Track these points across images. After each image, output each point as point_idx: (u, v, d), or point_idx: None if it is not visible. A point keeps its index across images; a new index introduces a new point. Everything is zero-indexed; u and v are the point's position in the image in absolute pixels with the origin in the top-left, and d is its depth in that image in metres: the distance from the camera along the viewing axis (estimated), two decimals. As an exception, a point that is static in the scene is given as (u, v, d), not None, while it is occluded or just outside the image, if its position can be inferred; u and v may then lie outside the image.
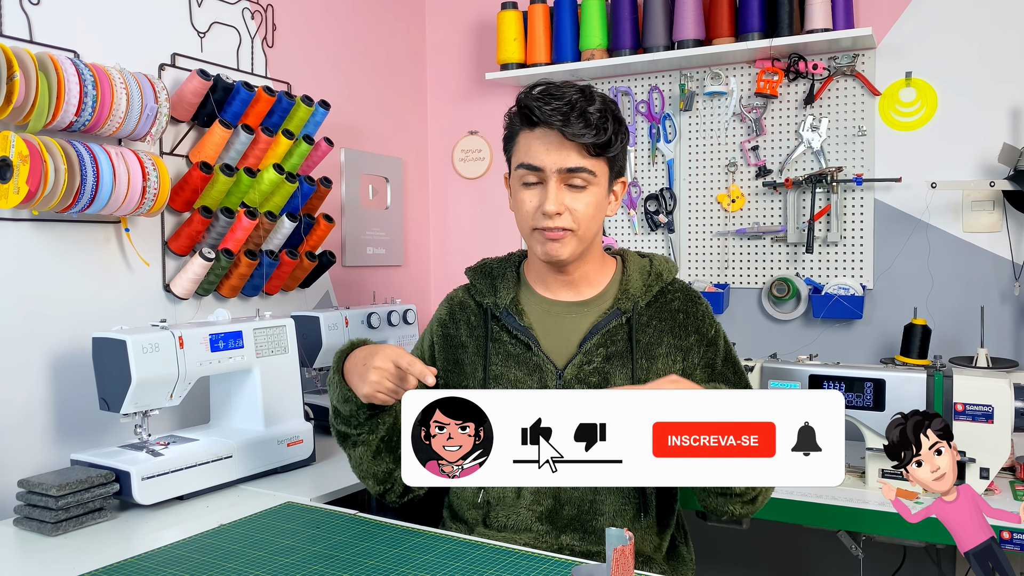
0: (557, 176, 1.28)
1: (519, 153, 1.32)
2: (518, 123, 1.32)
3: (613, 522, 1.32)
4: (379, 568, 1.17)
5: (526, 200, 1.31)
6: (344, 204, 2.53)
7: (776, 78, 2.35)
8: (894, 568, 2.20)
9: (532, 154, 1.29)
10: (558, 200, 1.28)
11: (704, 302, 1.42)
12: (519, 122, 1.32)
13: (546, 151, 1.27)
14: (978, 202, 2.19)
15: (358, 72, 2.60)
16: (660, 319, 1.37)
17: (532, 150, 1.29)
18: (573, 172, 1.28)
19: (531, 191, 1.31)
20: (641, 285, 1.39)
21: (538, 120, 1.27)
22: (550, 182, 1.28)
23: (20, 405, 1.63)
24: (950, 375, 1.67)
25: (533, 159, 1.28)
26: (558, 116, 1.25)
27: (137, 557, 1.25)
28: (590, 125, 1.25)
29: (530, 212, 1.31)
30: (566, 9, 2.55)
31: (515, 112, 1.32)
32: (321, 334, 2.13)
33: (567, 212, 1.29)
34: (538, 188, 1.30)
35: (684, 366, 1.36)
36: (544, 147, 1.28)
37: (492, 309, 1.41)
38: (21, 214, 1.62)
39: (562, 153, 1.27)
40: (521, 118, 1.31)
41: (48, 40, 1.67)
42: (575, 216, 1.29)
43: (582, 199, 1.29)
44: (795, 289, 2.36)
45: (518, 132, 1.33)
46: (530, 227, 1.32)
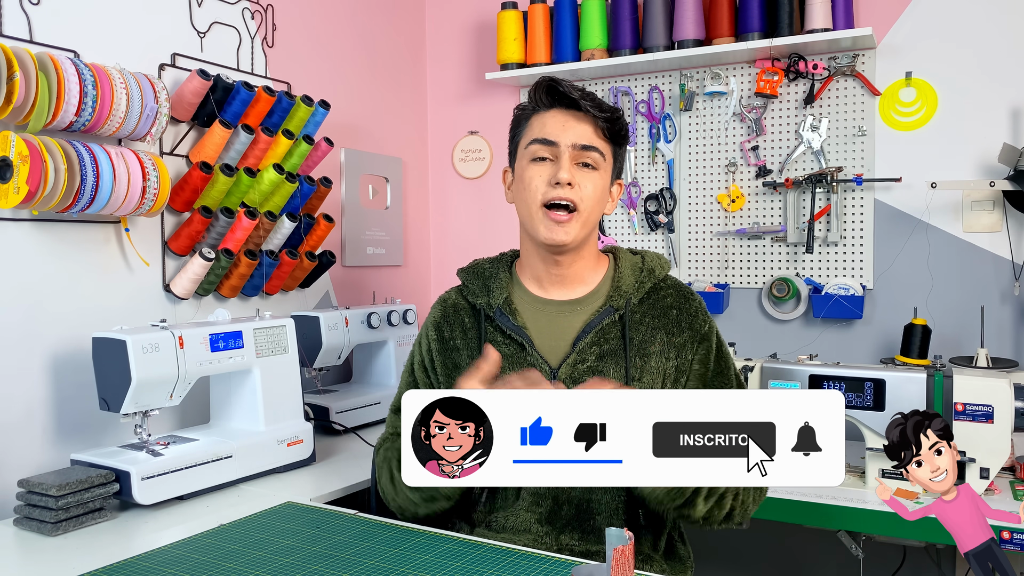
0: (571, 152, 1.32)
1: (531, 131, 1.35)
2: (532, 105, 1.37)
3: (611, 522, 1.32)
4: (379, 568, 1.17)
5: (535, 176, 1.33)
6: (344, 204, 2.53)
7: (776, 78, 2.35)
8: (894, 568, 2.20)
9: (548, 129, 1.33)
10: (571, 172, 1.31)
11: (697, 298, 1.42)
12: (534, 103, 1.36)
13: (563, 127, 1.32)
14: (978, 202, 2.19)
15: (358, 72, 2.60)
16: (653, 316, 1.37)
17: (547, 126, 1.33)
18: (586, 150, 1.32)
19: (541, 167, 1.33)
20: (633, 282, 1.39)
21: (554, 100, 1.32)
22: (563, 157, 1.32)
23: (20, 405, 1.63)
24: (950, 375, 1.67)
25: (548, 134, 1.32)
26: (575, 92, 1.32)
27: (137, 557, 1.25)
28: (603, 109, 1.33)
29: (539, 187, 1.32)
30: (566, 9, 2.55)
31: (532, 93, 1.36)
32: (321, 334, 2.13)
33: (577, 187, 1.31)
34: (548, 164, 1.33)
35: (678, 363, 1.36)
36: (561, 123, 1.33)
37: (485, 310, 1.40)
38: (21, 214, 1.62)
39: (579, 129, 1.32)
40: (537, 100, 1.35)
41: (48, 40, 1.67)
42: (583, 194, 1.32)
43: (591, 179, 1.33)
44: (795, 289, 2.36)
45: (531, 115, 1.37)
46: (538, 203, 1.33)
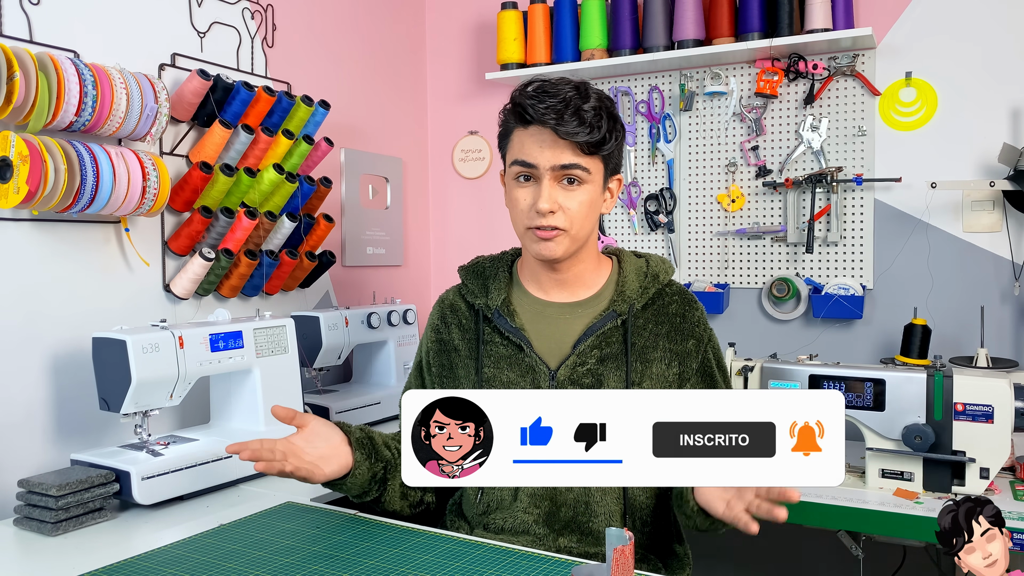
0: (551, 174, 1.28)
1: (513, 150, 1.32)
2: (512, 121, 1.32)
3: (609, 523, 1.32)
4: (379, 568, 1.17)
5: (520, 199, 1.31)
6: (344, 204, 2.53)
7: (776, 78, 2.35)
8: (894, 568, 2.20)
9: (526, 151, 1.29)
10: (551, 198, 1.27)
11: (700, 306, 1.41)
12: (513, 120, 1.32)
13: (540, 149, 1.27)
14: (978, 202, 2.19)
15: (358, 72, 2.60)
16: (656, 322, 1.37)
17: (526, 147, 1.29)
18: (566, 169, 1.27)
19: (525, 189, 1.31)
20: (638, 287, 1.37)
21: (532, 118, 1.26)
22: (544, 180, 1.28)
23: (20, 405, 1.63)
24: (950, 375, 1.67)
25: (527, 156, 1.28)
26: (551, 114, 1.24)
27: (137, 557, 1.25)
28: (584, 123, 1.25)
29: (524, 211, 1.31)
30: (566, 9, 2.55)
31: (509, 109, 1.32)
32: (321, 334, 2.13)
33: (560, 211, 1.28)
34: (531, 186, 1.30)
35: (680, 370, 1.35)
36: (538, 145, 1.27)
37: (483, 311, 1.40)
38: (21, 214, 1.62)
39: (556, 151, 1.26)
40: (515, 116, 1.30)
41: (48, 40, 1.67)
42: (568, 215, 1.29)
43: (575, 197, 1.29)
44: (795, 289, 2.36)
45: (512, 130, 1.32)
46: (524, 226, 1.32)
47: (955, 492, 1.67)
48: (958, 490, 1.67)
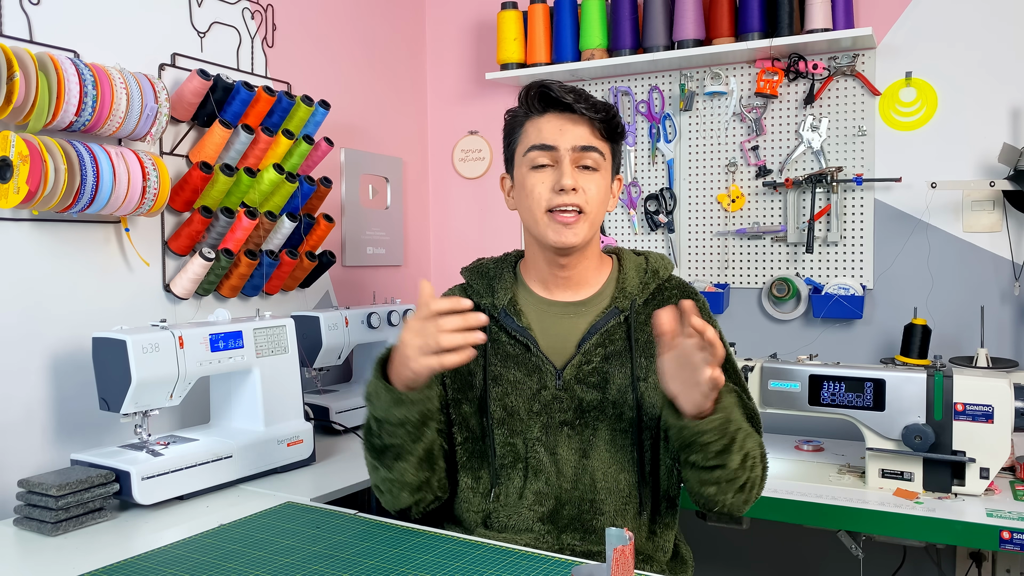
0: (570, 155, 1.31)
1: (528, 137, 1.34)
2: (524, 112, 1.35)
3: (614, 522, 1.32)
4: (379, 568, 1.17)
5: (538, 183, 1.32)
6: (344, 204, 2.53)
7: (776, 78, 2.35)
8: (894, 568, 2.20)
9: (544, 135, 1.32)
10: (574, 176, 1.30)
11: (701, 298, 1.43)
12: (527, 109, 1.35)
13: (559, 131, 1.31)
14: (978, 202, 2.19)
15: (358, 72, 2.60)
16: None
17: (544, 132, 1.32)
18: (586, 151, 1.31)
19: (542, 173, 1.32)
20: (638, 283, 1.39)
21: (554, 97, 1.30)
22: (564, 161, 1.31)
23: (20, 405, 1.63)
24: (950, 375, 1.67)
25: (546, 139, 1.31)
26: (570, 95, 1.30)
27: (137, 557, 1.25)
28: (598, 109, 1.31)
29: (543, 194, 1.31)
30: (566, 9, 2.55)
31: (523, 99, 1.35)
32: (321, 334, 2.13)
33: (581, 191, 1.31)
34: (549, 171, 1.32)
35: None
36: (557, 127, 1.31)
37: (490, 310, 1.40)
38: (21, 214, 1.62)
39: (576, 132, 1.31)
40: (530, 105, 1.34)
41: (48, 40, 1.67)
42: (588, 195, 1.31)
43: (594, 181, 1.32)
44: (795, 289, 2.36)
45: (524, 121, 1.35)
46: (543, 209, 1.32)
47: (955, 492, 1.68)
48: (958, 490, 1.67)
